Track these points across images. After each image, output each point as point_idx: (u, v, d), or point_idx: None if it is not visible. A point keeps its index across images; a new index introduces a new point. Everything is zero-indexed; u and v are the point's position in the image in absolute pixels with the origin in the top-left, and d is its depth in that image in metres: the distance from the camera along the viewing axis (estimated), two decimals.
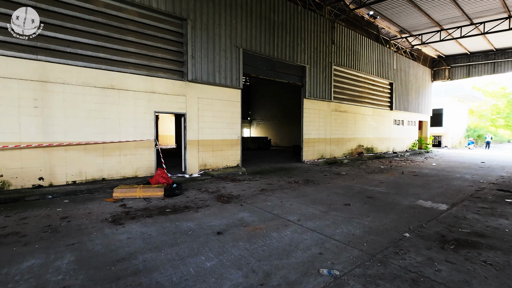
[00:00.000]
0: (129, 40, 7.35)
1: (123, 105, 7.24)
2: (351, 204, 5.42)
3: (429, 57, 22.42)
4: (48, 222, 4.18)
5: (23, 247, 3.30)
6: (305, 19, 11.90)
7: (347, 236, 3.79)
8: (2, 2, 5.70)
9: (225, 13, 9.09)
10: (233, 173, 8.77)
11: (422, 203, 5.61)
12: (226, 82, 9.22)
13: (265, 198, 5.87)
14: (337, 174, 9.38)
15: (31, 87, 6.00)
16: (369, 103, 16.27)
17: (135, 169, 7.51)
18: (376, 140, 17.00)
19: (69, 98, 6.47)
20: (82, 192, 6.01)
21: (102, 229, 3.93)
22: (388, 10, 13.88)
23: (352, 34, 14.49)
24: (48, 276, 2.68)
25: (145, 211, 4.79)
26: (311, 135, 12.62)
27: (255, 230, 3.96)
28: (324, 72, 12.91)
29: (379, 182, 7.88)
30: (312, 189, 6.82)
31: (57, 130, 6.35)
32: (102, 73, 6.91)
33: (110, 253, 3.18)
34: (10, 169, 5.83)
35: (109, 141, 7.04)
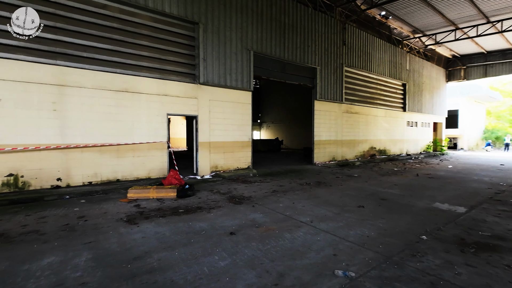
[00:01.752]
0: (143, 44, 7.53)
1: (137, 108, 7.40)
2: (364, 206, 5.33)
3: (444, 57, 21.88)
4: (66, 221, 4.30)
5: (43, 245, 3.41)
6: (315, 20, 11.87)
7: (361, 237, 3.72)
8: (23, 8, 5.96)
9: (236, 16, 9.19)
10: (244, 175, 8.79)
11: (439, 206, 5.45)
12: (237, 85, 9.28)
13: (276, 199, 5.84)
14: (349, 176, 9.25)
15: (50, 90, 6.23)
16: (381, 104, 16.00)
17: (148, 171, 7.64)
18: (388, 142, 16.68)
19: (85, 101, 6.67)
20: (97, 193, 6.16)
21: (117, 228, 4.01)
22: (401, 10, 13.66)
23: (364, 35, 14.33)
24: (67, 272, 2.76)
25: (159, 212, 4.86)
26: (322, 137, 12.51)
27: (268, 231, 3.95)
28: (335, 73, 12.81)
29: (392, 184, 7.71)
30: (324, 191, 6.74)
31: (74, 132, 6.55)
32: (117, 77, 7.09)
33: (126, 251, 3.24)
34: (30, 170, 6.05)
35: (123, 143, 7.20)
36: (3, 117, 5.74)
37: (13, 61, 5.83)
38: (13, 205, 5.19)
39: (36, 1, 6.08)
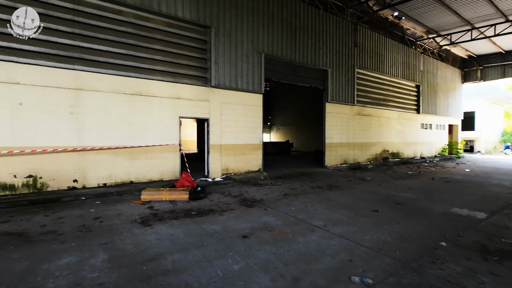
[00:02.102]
0: (156, 49, 7.66)
1: (150, 111, 7.52)
2: (379, 210, 5.21)
3: (459, 57, 21.28)
4: (82, 222, 4.39)
5: (61, 245, 3.49)
6: (327, 22, 11.79)
7: (377, 243, 3.63)
8: (42, 16, 6.19)
9: (247, 19, 9.24)
10: (255, 178, 8.77)
11: (457, 211, 5.26)
12: (248, 87, 9.31)
13: (288, 202, 5.79)
14: (361, 179, 9.08)
15: (68, 94, 6.42)
16: (394, 106, 15.69)
17: (160, 173, 7.74)
18: (402, 144, 16.31)
19: (101, 104, 6.84)
20: (112, 194, 6.28)
21: (131, 229, 4.07)
22: (414, 10, 13.41)
23: (376, 36, 14.13)
24: (84, 273, 2.80)
25: (172, 213, 4.90)
26: (333, 139, 12.36)
27: (281, 234, 3.91)
28: (346, 75, 12.66)
29: (407, 188, 7.51)
30: (336, 194, 6.64)
31: (90, 134, 6.71)
32: (131, 81, 7.25)
33: (141, 253, 3.27)
34: (48, 172, 6.23)
35: (137, 145, 7.32)
36: (24, 120, 5.95)
37: (34, 66, 6.05)
38: (32, 205, 5.35)
39: (55, 8, 6.30)
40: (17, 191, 5.91)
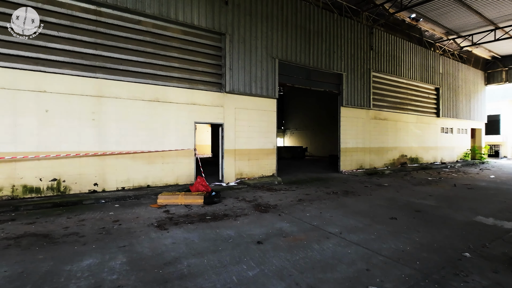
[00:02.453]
0: (173, 56, 7.89)
1: (167, 116, 7.72)
2: (397, 218, 5.05)
3: (481, 58, 20.42)
4: (102, 225, 4.55)
5: (82, 247, 3.62)
6: (341, 26, 11.70)
7: (396, 252, 3.52)
8: (68, 26, 6.54)
9: (261, 25, 9.34)
10: (269, 183, 8.75)
11: (482, 220, 5.01)
12: (262, 92, 9.37)
13: (303, 208, 5.73)
14: (378, 185, 8.84)
15: (90, 101, 6.72)
16: (412, 110, 15.24)
17: (176, 177, 7.89)
18: (421, 149, 15.77)
19: (120, 111, 7.10)
20: (130, 198, 6.47)
21: (149, 233, 4.16)
22: (433, 11, 13.05)
23: (392, 39, 13.85)
24: (104, 274, 2.89)
25: (187, 218, 4.97)
26: (348, 144, 12.15)
27: (295, 241, 3.87)
28: (362, 79, 12.46)
29: (427, 195, 7.24)
30: (352, 201, 6.50)
31: (110, 139, 6.97)
32: (149, 87, 7.48)
33: (157, 256, 3.34)
34: (70, 175, 6.51)
35: (154, 150, 7.52)
36: (50, 126, 6.27)
37: (60, 75, 6.39)
38: (56, 207, 5.60)
39: (80, 20, 6.65)
40: (42, 193, 6.21)
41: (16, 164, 5.97)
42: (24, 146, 6.03)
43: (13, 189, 5.94)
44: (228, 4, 8.59)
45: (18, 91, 5.98)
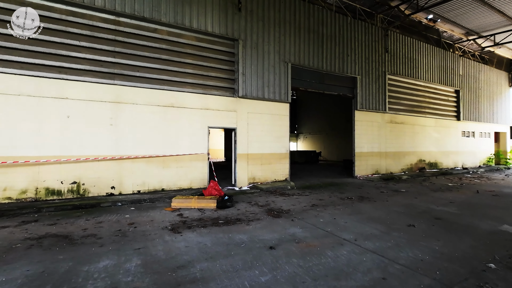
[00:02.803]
0: (187, 62, 8.07)
1: (181, 121, 7.87)
2: (415, 225, 4.86)
3: (505, 59, 19.53)
4: (118, 227, 4.66)
5: (100, 248, 3.73)
6: (355, 29, 11.57)
7: (414, 261, 3.38)
8: (86, 37, 6.85)
9: (274, 30, 9.40)
10: (281, 187, 8.69)
11: (508, 229, 4.74)
12: (274, 97, 9.38)
13: (316, 214, 5.64)
14: (395, 191, 8.57)
15: (108, 107, 6.97)
16: (431, 113, 14.74)
17: (190, 181, 7.99)
18: (440, 154, 15.18)
19: (137, 116, 7.31)
20: (145, 201, 6.61)
21: (163, 236, 4.23)
22: (451, 12, 12.67)
23: (408, 41, 13.53)
24: (120, 276, 2.96)
25: (200, 222, 5.02)
26: (363, 148, 11.89)
27: (308, 247, 3.81)
28: (377, 82, 12.22)
29: (447, 202, 6.94)
30: (368, 207, 6.33)
31: (126, 144, 7.18)
32: (164, 93, 7.67)
33: (171, 259, 3.38)
34: (89, 179, 6.75)
35: (168, 154, 7.67)
36: (71, 131, 6.55)
37: (81, 83, 6.69)
38: (75, 209, 5.81)
39: (100, 30, 6.95)
40: (63, 196, 6.47)
41: (39, 167, 6.26)
42: (47, 150, 6.32)
43: (36, 191, 6.23)
44: (241, 10, 8.72)
45: (42, 98, 6.30)
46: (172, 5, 7.65)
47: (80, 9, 6.72)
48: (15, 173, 6.05)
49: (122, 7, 7.03)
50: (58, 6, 6.52)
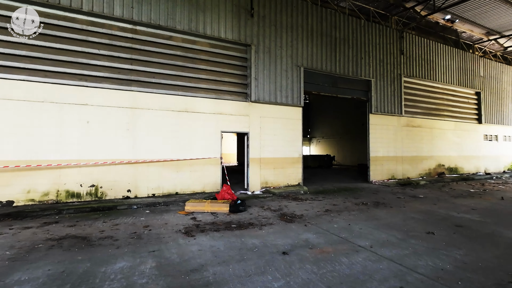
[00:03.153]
0: (200, 68, 8.23)
1: (194, 126, 8.00)
2: (435, 233, 4.67)
3: None
4: (134, 229, 4.77)
5: (116, 250, 3.82)
6: (369, 32, 11.42)
7: (434, 270, 3.24)
8: (105, 45, 7.13)
9: (286, 35, 9.43)
10: (294, 192, 8.61)
11: None
12: (287, 101, 9.37)
13: (330, 219, 5.54)
14: (413, 196, 8.29)
15: (125, 113, 7.19)
16: (449, 116, 14.23)
17: (203, 185, 8.08)
18: (460, 158, 14.58)
19: (152, 121, 7.50)
20: (159, 204, 6.73)
21: (176, 239, 4.28)
22: (470, 11, 12.27)
23: (425, 42, 13.19)
24: (135, 278, 3.01)
25: (213, 225, 5.04)
26: (379, 152, 11.61)
27: (322, 253, 3.74)
28: (392, 84, 11.96)
29: (469, 209, 6.63)
30: (384, 213, 6.16)
31: (142, 148, 7.37)
32: (178, 99, 7.84)
33: (184, 262, 3.41)
34: (107, 182, 6.96)
35: (182, 158, 7.80)
36: (90, 136, 6.80)
37: (100, 89, 6.95)
38: (93, 212, 5.99)
39: (118, 39, 7.23)
40: (82, 198, 6.69)
41: (60, 170, 6.52)
42: (68, 154, 6.59)
43: (57, 194, 6.48)
44: (253, 16, 8.82)
45: (64, 105, 6.59)
46: (187, 13, 7.86)
47: (100, 19, 7.02)
48: (38, 176, 6.33)
49: (139, 16, 7.28)
50: (80, 17, 6.84)
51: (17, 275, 3.04)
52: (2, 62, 6.17)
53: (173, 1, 7.70)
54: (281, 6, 9.39)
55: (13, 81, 6.20)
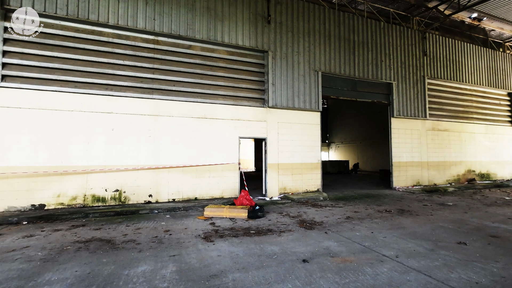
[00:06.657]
0: (219, 75, 8.39)
1: (213, 132, 8.13)
2: (467, 243, 4.37)
3: None
4: (155, 234, 4.87)
5: (138, 253, 3.91)
6: (389, 34, 11.13)
7: (468, 284, 3.02)
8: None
9: (303, 40, 9.41)
10: (313, 198, 8.44)
11: None
12: (305, 106, 9.29)
13: (352, 227, 5.36)
14: (441, 204, 7.84)
15: (147, 120, 7.46)
16: (479, 119, 13.43)
17: (221, 190, 8.14)
18: (493, 164, 13.65)
19: (172, 128, 7.71)
20: (179, 209, 6.84)
21: (196, 244, 4.31)
22: (499, 8, 11.63)
23: (450, 42, 12.63)
24: (156, 282, 3.06)
25: (232, 231, 5.04)
26: (402, 158, 11.15)
27: (344, 262, 3.60)
28: (415, 87, 11.52)
29: (506, 218, 6.16)
30: (409, 221, 5.86)
31: (163, 154, 7.57)
32: (197, 105, 8.02)
33: (204, 268, 3.42)
34: (130, 187, 7.20)
35: (201, 164, 7.92)
36: (115, 143, 7.10)
37: (124, 98, 7.28)
38: (117, 216, 6.21)
39: (141, 50, 7.57)
40: (106, 202, 6.96)
41: (87, 176, 6.84)
42: (94, 160, 6.91)
43: (84, 198, 6.79)
44: (270, 23, 8.91)
45: (92, 113, 6.95)
46: (205, 22, 8.08)
47: (125, 32, 7.40)
48: (68, 181, 6.68)
49: (160, 27, 7.59)
50: (106, 30, 7.24)
51: (48, 275, 3.19)
52: (37, 74, 6.65)
53: (192, 12, 7.96)
54: (298, 12, 9.41)
55: (47, 92, 6.64)
